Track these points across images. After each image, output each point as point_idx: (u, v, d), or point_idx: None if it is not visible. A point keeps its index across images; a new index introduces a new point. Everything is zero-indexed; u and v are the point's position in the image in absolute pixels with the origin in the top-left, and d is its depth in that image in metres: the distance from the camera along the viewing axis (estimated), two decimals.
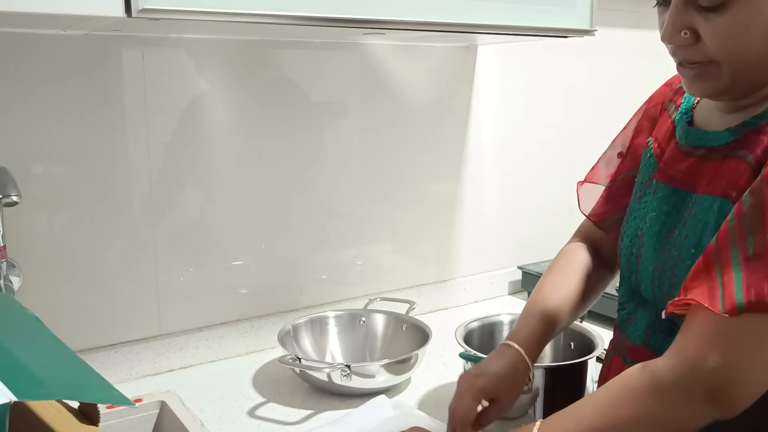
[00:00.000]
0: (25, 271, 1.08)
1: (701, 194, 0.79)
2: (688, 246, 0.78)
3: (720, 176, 0.77)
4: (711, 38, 0.72)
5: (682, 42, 0.74)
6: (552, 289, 1.01)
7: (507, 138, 1.70)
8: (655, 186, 0.87)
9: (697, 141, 0.83)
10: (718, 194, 0.77)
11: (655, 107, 0.97)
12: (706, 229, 0.76)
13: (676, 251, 0.80)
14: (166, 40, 1.24)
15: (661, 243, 0.83)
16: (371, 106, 1.49)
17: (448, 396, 1.21)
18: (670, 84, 0.97)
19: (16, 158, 1.12)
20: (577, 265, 1.03)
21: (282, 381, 1.26)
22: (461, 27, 1.13)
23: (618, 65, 1.86)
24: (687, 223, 0.80)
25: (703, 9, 0.71)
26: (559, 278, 1.02)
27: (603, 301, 1.51)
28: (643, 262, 0.86)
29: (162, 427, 1.14)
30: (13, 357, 0.59)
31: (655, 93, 0.99)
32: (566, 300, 0.99)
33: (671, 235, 0.82)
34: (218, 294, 1.37)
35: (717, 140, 0.80)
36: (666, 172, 0.86)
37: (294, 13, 0.97)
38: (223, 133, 1.33)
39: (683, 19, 0.73)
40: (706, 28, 0.72)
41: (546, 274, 1.04)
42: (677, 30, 0.74)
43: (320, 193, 1.45)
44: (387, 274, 1.57)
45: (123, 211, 1.24)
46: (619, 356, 0.91)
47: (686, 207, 0.81)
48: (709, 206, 0.77)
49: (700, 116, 0.86)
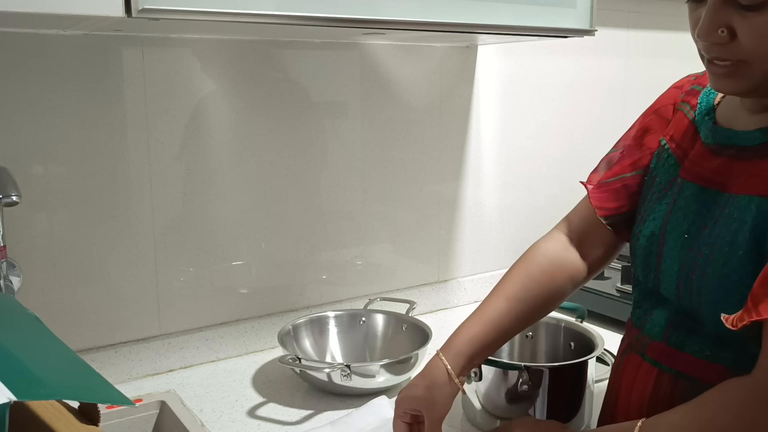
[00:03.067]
0: (25, 271, 1.08)
1: (737, 194, 0.79)
2: (721, 244, 0.78)
3: (757, 175, 0.77)
4: (748, 36, 0.72)
5: (718, 39, 0.74)
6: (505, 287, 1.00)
7: (507, 138, 1.70)
8: (680, 185, 0.87)
9: (726, 140, 0.83)
10: (756, 193, 0.76)
11: (666, 107, 0.96)
12: (742, 228, 0.76)
13: (707, 249, 0.79)
14: (167, 40, 1.24)
15: (689, 241, 0.82)
16: (371, 106, 1.49)
17: None
18: (679, 86, 0.97)
19: (16, 158, 1.13)
20: (548, 267, 1.01)
21: (282, 381, 1.26)
22: (461, 27, 1.13)
23: (618, 65, 1.86)
24: (719, 221, 0.79)
25: (742, 7, 0.71)
26: (521, 283, 1.00)
27: (603, 301, 1.52)
28: (666, 261, 0.85)
29: (162, 427, 1.15)
30: (13, 357, 0.59)
31: (663, 95, 0.99)
32: (513, 302, 0.98)
33: (701, 233, 0.81)
34: (218, 294, 1.37)
35: (750, 140, 0.80)
36: (693, 171, 0.85)
37: (294, 13, 0.97)
38: (223, 133, 1.33)
39: (721, 16, 0.73)
40: (743, 27, 0.72)
41: (510, 273, 1.03)
42: (714, 27, 0.73)
43: (320, 193, 1.45)
44: (387, 274, 1.57)
45: (123, 211, 1.24)
46: (635, 353, 0.91)
47: (717, 206, 0.81)
48: (746, 205, 0.77)
49: (724, 116, 0.86)
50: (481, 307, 1.00)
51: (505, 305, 0.98)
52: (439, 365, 0.95)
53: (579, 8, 1.24)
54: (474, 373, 1.05)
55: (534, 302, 0.99)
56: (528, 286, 0.99)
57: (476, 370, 1.05)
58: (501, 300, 0.99)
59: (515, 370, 1.03)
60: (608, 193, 1.00)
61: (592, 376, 1.08)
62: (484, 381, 1.06)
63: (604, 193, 1.00)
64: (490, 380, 1.05)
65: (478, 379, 1.06)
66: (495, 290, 1.01)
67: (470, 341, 0.96)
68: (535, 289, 1.00)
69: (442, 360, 0.95)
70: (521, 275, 1.01)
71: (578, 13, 1.25)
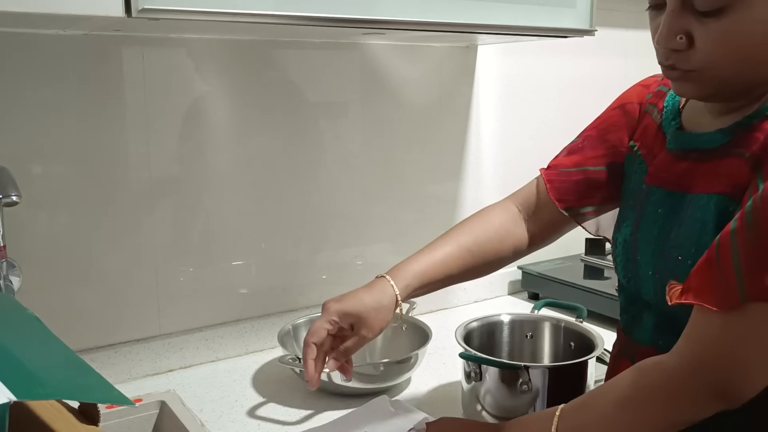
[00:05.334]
0: (25, 271, 1.08)
1: (697, 194, 0.80)
2: (688, 246, 0.78)
3: (717, 175, 0.78)
4: (705, 43, 0.73)
5: (676, 46, 0.74)
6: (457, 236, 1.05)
7: (507, 138, 1.70)
8: (646, 191, 0.88)
9: (688, 144, 0.84)
10: (714, 192, 0.77)
11: (632, 105, 0.97)
12: (706, 228, 0.77)
13: (676, 252, 0.80)
14: (166, 40, 1.24)
15: (660, 246, 0.83)
16: (371, 106, 1.49)
17: (448, 396, 1.21)
18: (646, 85, 0.98)
19: (16, 158, 1.12)
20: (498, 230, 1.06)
21: (282, 381, 1.26)
22: (461, 27, 1.13)
23: (618, 65, 1.85)
24: (684, 223, 0.80)
25: (700, 14, 0.72)
26: (473, 236, 1.05)
27: (603, 301, 1.52)
28: (641, 266, 0.86)
29: (162, 427, 1.14)
30: (13, 357, 0.59)
31: (630, 91, 0.99)
32: (464, 252, 1.03)
33: (669, 237, 0.82)
34: (218, 294, 1.37)
35: (711, 142, 0.80)
36: (658, 176, 0.86)
37: (294, 13, 0.97)
38: (223, 132, 1.33)
39: (680, 23, 0.74)
40: (701, 33, 0.72)
41: (464, 225, 1.08)
42: (673, 34, 0.74)
43: (320, 193, 1.45)
44: None
45: (123, 211, 1.24)
46: (627, 360, 0.91)
47: (682, 208, 0.82)
48: (705, 204, 0.78)
49: (689, 119, 0.87)
50: (433, 245, 1.04)
51: (456, 252, 1.02)
52: (388, 289, 0.98)
53: (579, 8, 1.24)
54: (474, 373, 1.05)
55: (480, 258, 1.04)
56: (479, 241, 1.04)
57: (476, 370, 1.05)
58: (453, 246, 1.03)
59: (515, 370, 1.03)
60: (568, 184, 1.01)
61: (592, 376, 1.08)
62: (484, 381, 1.06)
63: (564, 183, 1.02)
64: (490, 380, 1.05)
65: (478, 379, 1.06)
66: (447, 235, 1.06)
67: (418, 275, 1.00)
68: (485, 245, 1.04)
69: (391, 285, 0.98)
70: (474, 230, 1.06)
71: (578, 13, 1.25)
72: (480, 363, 1.06)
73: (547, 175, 1.04)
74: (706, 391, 0.71)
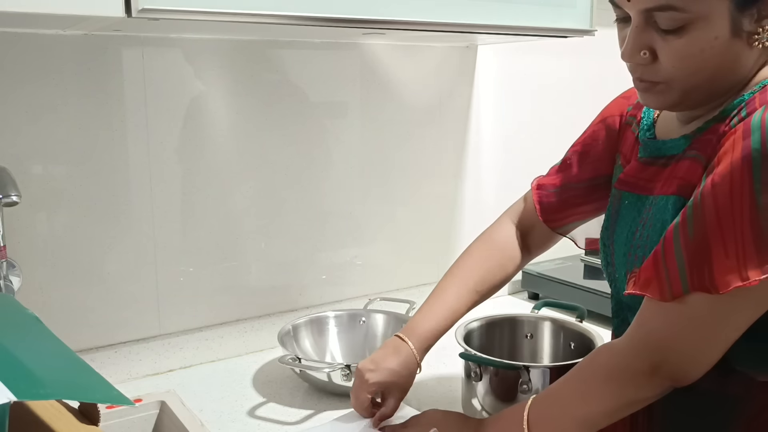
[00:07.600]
0: (25, 271, 1.08)
1: (657, 195, 0.83)
2: (651, 246, 0.81)
3: (674, 176, 0.82)
4: (667, 58, 0.76)
5: (640, 61, 0.79)
6: (467, 279, 1.08)
7: (507, 138, 1.70)
8: (617, 195, 0.92)
9: (657, 152, 0.87)
10: (671, 193, 0.81)
11: (612, 118, 1.01)
12: (665, 228, 0.79)
13: (641, 252, 0.83)
14: (166, 40, 1.24)
15: (627, 247, 0.87)
16: (371, 106, 1.49)
17: (448, 396, 1.21)
18: (627, 97, 1.01)
19: (16, 158, 1.13)
20: (501, 258, 1.10)
21: (282, 381, 1.26)
22: (461, 27, 1.13)
23: (618, 65, 1.85)
24: (647, 224, 0.84)
25: (662, 31, 0.75)
26: (480, 275, 1.08)
27: (603, 301, 1.52)
28: (618, 269, 0.90)
29: (162, 427, 1.14)
30: (13, 357, 0.59)
31: (611, 104, 1.03)
32: (474, 295, 1.07)
33: (635, 237, 0.85)
34: (218, 294, 1.37)
35: (676, 148, 0.84)
36: (627, 182, 0.90)
37: (294, 13, 0.97)
38: (223, 132, 1.33)
39: (643, 39, 0.77)
40: (664, 49, 0.76)
41: (469, 261, 1.10)
42: (637, 49, 0.78)
43: (320, 193, 1.45)
44: (387, 274, 1.57)
45: (123, 211, 1.24)
46: None
47: (645, 209, 0.85)
48: (664, 205, 0.81)
49: (661, 129, 0.90)
50: (443, 292, 1.08)
51: (465, 295, 1.06)
52: (407, 350, 1.02)
53: (579, 8, 1.25)
54: (474, 373, 1.06)
55: (486, 294, 1.09)
56: (485, 279, 1.08)
57: (476, 370, 1.05)
58: (461, 289, 1.07)
59: (515, 370, 1.03)
60: (557, 204, 1.07)
61: None
62: (484, 381, 1.06)
63: (552, 205, 1.07)
64: (490, 380, 1.05)
65: (478, 379, 1.06)
66: (455, 276, 1.09)
67: (436, 332, 1.05)
68: (490, 281, 1.09)
69: (409, 346, 1.02)
70: (481, 267, 1.09)
71: (578, 13, 1.25)
72: (480, 363, 1.06)
73: (537, 195, 1.09)
74: (651, 372, 0.76)
